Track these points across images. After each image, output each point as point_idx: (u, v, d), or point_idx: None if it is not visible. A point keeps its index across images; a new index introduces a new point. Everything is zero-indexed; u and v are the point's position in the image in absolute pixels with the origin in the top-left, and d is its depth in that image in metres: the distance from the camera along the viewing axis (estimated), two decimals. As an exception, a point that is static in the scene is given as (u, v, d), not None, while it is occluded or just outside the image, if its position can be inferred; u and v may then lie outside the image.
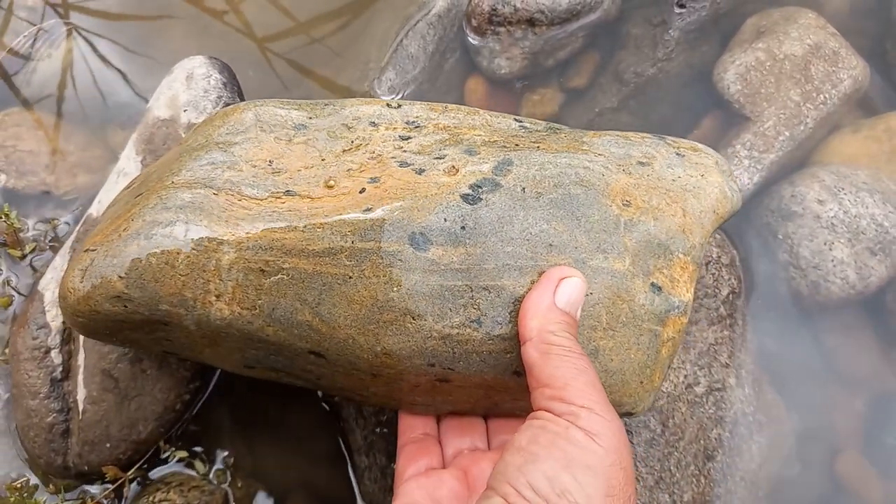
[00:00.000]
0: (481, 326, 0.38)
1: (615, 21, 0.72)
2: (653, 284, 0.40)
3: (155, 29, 0.76)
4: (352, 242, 0.38)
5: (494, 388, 0.40)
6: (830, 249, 0.62)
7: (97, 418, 0.54)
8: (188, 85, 0.62)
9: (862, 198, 0.63)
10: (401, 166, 0.42)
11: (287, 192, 0.41)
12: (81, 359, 0.54)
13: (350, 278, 0.38)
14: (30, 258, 0.65)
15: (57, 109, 0.72)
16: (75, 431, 0.54)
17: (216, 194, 0.41)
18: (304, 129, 0.45)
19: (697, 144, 0.47)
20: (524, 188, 0.40)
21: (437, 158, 0.42)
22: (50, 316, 0.56)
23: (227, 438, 0.59)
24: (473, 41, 0.71)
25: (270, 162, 0.43)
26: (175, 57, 0.65)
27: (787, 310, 0.64)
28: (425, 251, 0.38)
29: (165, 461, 0.57)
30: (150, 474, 0.57)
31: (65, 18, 0.76)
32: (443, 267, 0.38)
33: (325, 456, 0.59)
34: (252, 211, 0.40)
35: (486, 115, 0.47)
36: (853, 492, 0.61)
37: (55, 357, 0.55)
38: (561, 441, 0.32)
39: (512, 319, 0.38)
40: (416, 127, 0.45)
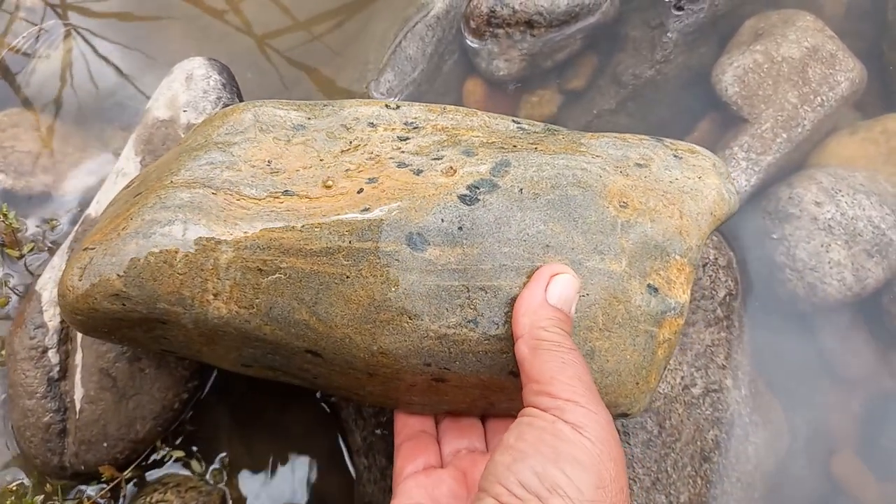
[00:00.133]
0: (478, 326, 0.38)
1: (613, 23, 0.72)
2: (649, 286, 0.40)
3: (154, 30, 0.76)
4: (349, 242, 0.38)
5: (491, 389, 0.40)
6: (827, 251, 0.62)
7: (94, 417, 0.54)
8: (187, 86, 0.62)
9: (859, 200, 0.63)
10: (399, 167, 0.42)
11: (285, 192, 0.41)
12: (79, 358, 0.54)
13: (347, 278, 0.38)
14: (27, 258, 0.65)
15: (56, 110, 0.72)
16: (72, 431, 0.54)
17: (215, 194, 0.41)
18: (303, 130, 0.45)
19: (695, 146, 0.47)
20: (522, 189, 0.40)
21: (435, 159, 0.42)
22: (47, 315, 0.56)
23: (225, 438, 0.59)
24: (472, 43, 0.71)
25: (269, 162, 0.44)
26: (174, 58, 0.65)
27: (784, 311, 0.64)
28: (422, 251, 0.38)
29: (162, 461, 0.57)
30: (147, 474, 0.57)
31: (64, 19, 0.76)
32: (440, 267, 0.38)
33: (324, 456, 0.59)
34: (250, 211, 0.40)
35: (485, 117, 0.47)
36: (849, 493, 0.61)
37: (52, 357, 0.55)
38: (547, 436, 0.32)
39: (508, 320, 0.38)
40: (415, 128, 0.45)
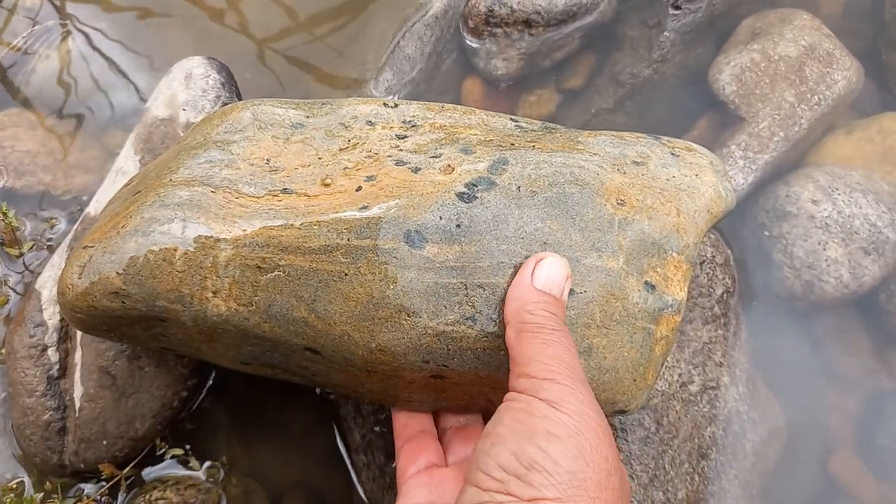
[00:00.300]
0: (476, 324, 0.38)
1: (611, 23, 0.72)
2: (646, 283, 0.40)
3: (154, 29, 0.76)
4: (348, 240, 0.38)
5: (489, 385, 0.41)
6: (824, 249, 0.62)
7: (94, 415, 0.54)
8: (187, 84, 0.62)
9: (856, 198, 0.63)
10: (397, 165, 0.42)
11: (284, 191, 0.42)
12: (78, 356, 0.54)
13: (346, 275, 0.38)
14: (27, 257, 0.65)
15: (55, 109, 0.72)
16: (72, 429, 0.54)
17: (214, 192, 0.41)
18: (302, 128, 0.46)
19: (692, 144, 0.47)
20: (519, 187, 0.40)
21: (433, 157, 0.42)
22: (47, 314, 0.56)
23: (224, 436, 0.59)
24: (470, 42, 0.72)
25: (268, 160, 0.44)
26: (173, 57, 0.65)
27: (782, 309, 0.64)
28: (421, 249, 0.38)
29: (162, 459, 0.57)
30: (147, 472, 0.57)
31: (63, 19, 0.76)
32: (438, 264, 0.38)
33: (323, 454, 0.59)
34: (249, 209, 0.40)
35: (482, 115, 0.47)
36: (847, 491, 0.61)
37: (52, 355, 0.55)
38: (523, 415, 0.31)
39: None
40: (413, 126, 0.45)
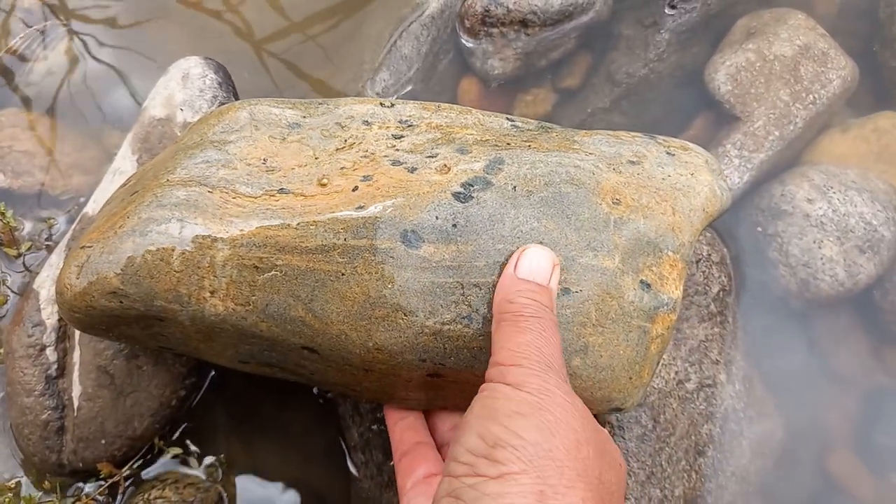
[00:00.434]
0: (472, 322, 0.38)
1: (607, 22, 0.72)
2: (642, 282, 0.40)
3: (151, 30, 0.76)
4: (344, 240, 0.39)
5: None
6: (820, 247, 0.63)
7: (92, 415, 0.54)
8: (184, 84, 0.62)
9: (851, 196, 0.64)
10: (393, 165, 0.42)
11: (281, 191, 0.42)
12: (77, 356, 0.55)
13: (343, 275, 0.39)
14: (25, 257, 0.65)
15: (53, 110, 0.72)
16: (70, 428, 0.54)
17: (211, 192, 0.42)
18: (298, 128, 0.46)
19: (688, 143, 0.47)
20: (515, 186, 0.40)
21: (430, 157, 0.42)
22: (45, 314, 0.56)
23: (223, 435, 0.59)
24: (467, 42, 0.72)
25: (265, 160, 0.44)
26: (171, 57, 0.65)
27: (778, 307, 0.64)
28: (417, 248, 0.38)
29: (160, 458, 0.58)
30: (145, 471, 0.57)
31: (61, 20, 0.76)
32: (434, 264, 0.38)
33: (322, 453, 0.59)
34: (246, 209, 0.41)
35: (479, 115, 0.47)
36: (844, 489, 0.61)
37: (50, 354, 0.55)
38: (488, 401, 0.32)
39: None
40: (409, 126, 0.45)
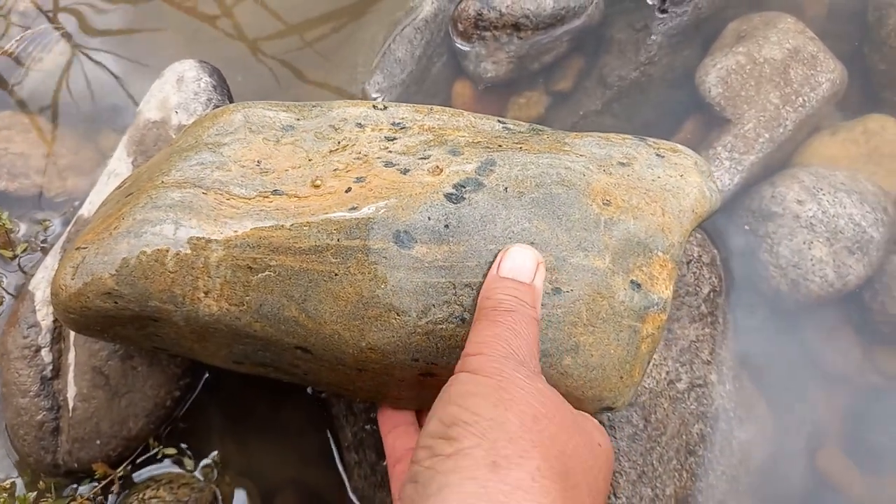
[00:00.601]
0: (464, 322, 0.39)
1: (599, 26, 0.73)
2: (632, 282, 0.41)
3: (146, 33, 0.76)
4: (338, 240, 0.39)
5: (477, 382, 0.41)
6: (809, 248, 0.63)
7: (87, 415, 0.54)
8: (179, 88, 0.62)
9: (840, 198, 0.64)
10: (386, 166, 0.42)
11: (275, 192, 0.42)
12: (72, 357, 0.55)
13: (336, 275, 0.39)
14: (21, 259, 0.65)
15: (48, 113, 0.72)
16: (65, 429, 0.55)
17: (205, 194, 0.42)
18: (292, 131, 0.46)
19: (677, 145, 0.48)
20: (506, 188, 0.41)
21: (422, 159, 0.43)
22: (40, 315, 0.56)
23: (217, 435, 0.59)
24: (460, 46, 0.72)
25: (258, 162, 0.44)
26: (166, 61, 0.66)
27: (768, 308, 0.64)
28: (410, 249, 0.39)
29: (155, 458, 0.58)
30: (140, 472, 0.58)
31: (56, 23, 0.77)
32: (427, 264, 0.39)
33: (316, 453, 0.59)
34: (240, 210, 0.41)
35: (471, 117, 0.47)
36: (834, 487, 0.61)
37: (45, 355, 0.55)
38: (449, 387, 0.32)
39: None
40: (402, 128, 0.46)
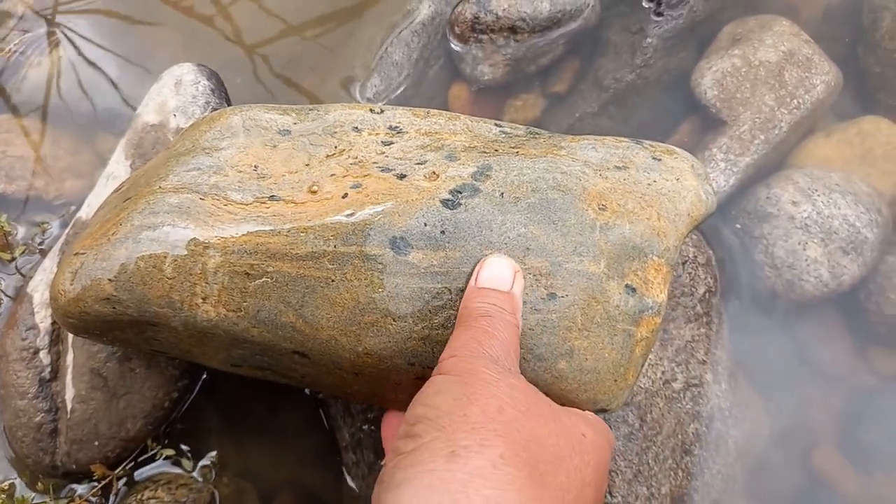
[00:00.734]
0: (460, 327, 0.39)
1: (595, 29, 0.73)
2: (627, 286, 0.41)
3: (144, 36, 0.76)
4: (334, 246, 0.39)
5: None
6: (804, 249, 0.63)
7: (86, 417, 0.54)
8: (177, 91, 0.62)
9: (835, 199, 0.64)
10: (382, 171, 0.42)
11: (271, 197, 0.42)
12: (70, 359, 0.55)
13: (332, 281, 0.39)
14: (19, 261, 0.65)
15: (46, 115, 0.72)
16: (63, 431, 0.55)
17: (202, 199, 0.42)
18: (289, 135, 0.46)
19: (674, 148, 0.47)
20: (503, 193, 0.41)
21: (419, 164, 0.43)
22: (39, 317, 0.57)
23: (215, 436, 0.59)
24: (457, 48, 0.72)
25: (255, 167, 0.44)
26: (164, 64, 0.66)
27: (763, 308, 0.64)
28: (406, 255, 0.39)
29: (153, 459, 0.58)
30: (138, 473, 0.58)
31: (54, 26, 0.77)
32: (423, 270, 0.39)
33: (313, 453, 0.59)
34: (237, 215, 0.41)
35: (467, 121, 0.47)
36: (829, 485, 0.61)
37: (44, 358, 0.55)
38: (420, 391, 0.32)
39: None
40: (399, 132, 0.46)
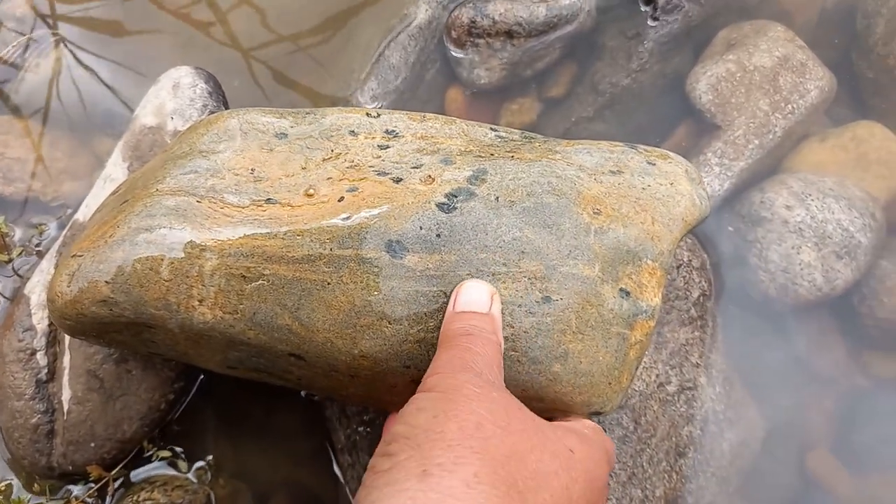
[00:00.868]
0: (455, 329, 0.39)
1: (591, 33, 0.73)
2: (621, 290, 0.41)
3: (142, 39, 0.76)
4: (330, 249, 0.39)
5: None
6: (798, 253, 0.64)
7: (82, 418, 0.54)
8: (174, 94, 0.63)
9: (828, 203, 0.65)
10: (379, 175, 0.43)
11: (268, 200, 0.42)
12: (67, 360, 0.55)
13: (328, 284, 0.39)
14: (16, 262, 0.65)
15: (45, 117, 0.73)
16: (60, 432, 0.55)
17: (199, 202, 0.42)
18: (286, 138, 0.46)
19: (668, 153, 0.48)
20: (498, 197, 0.41)
21: (415, 167, 0.43)
22: (36, 318, 0.57)
23: (211, 438, 0.59)
24: (454, 53, 0.72)
25: (252, 170, 0.45)
26: (161, 67, 0.66)
27: (757, 311, 0.64)
28: (401, 258, 0.39)
29: (149, 461, 0.58)
30: (134, 474, 0.58)
31: (53, 29, 0.77)
32: (418, 273, 0.39)
33: (309, 455, 0.59)
34: (234, 218, 0.41)
35: (463, 125, 0.48)
36: (823, 487, 0.61)
37: (41, 359, 0.56)
38: (403, 408, 0.33)
39: None
40: (395, 136, 0.46)
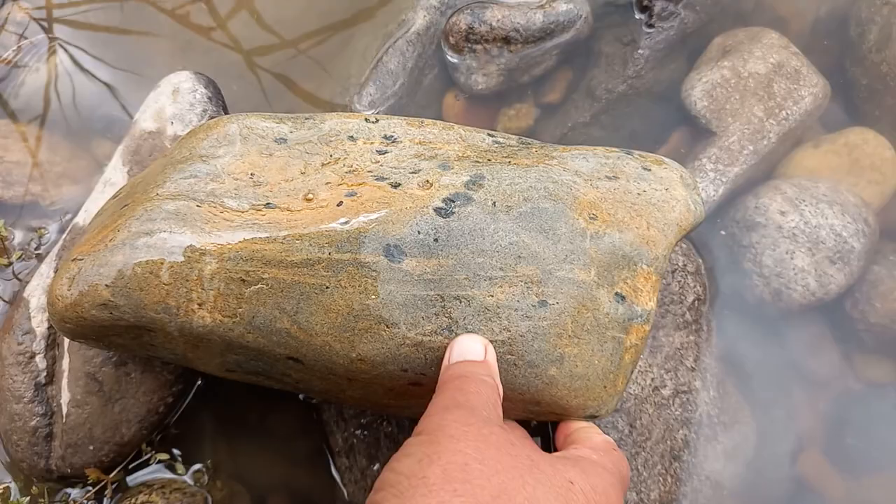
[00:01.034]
0: (452, 334, 0.39)
1: (587, 40, 0.74)
2: (617, 294, 0.42)
3: (142, 43, 0.77)
4: (329, 254, 0.40)
5: (464, 392, 0.42)
6: (792, 258, 0.64)
7: (81, 421, 0.55)
8: (174, 98, 0.63)
9: (822, 209, 0.65)
10: (377, 180, 0.43)
11: (267, 205, 0.43)
12: (66, 363, 0.55)
13: (327, 288, 0.40)
14: (15, 266, 0.66)
15: (44, 121, 0.73)
16: (59, 435, 0.55)
17: (199, 206, 0.43)
18: (285, 143, 0.47)
19: (663, 158, 0.48)
20: (495, 202, 0.41)
21: (413, 173, 0.43)
22: (35, 322, 0.57)
23: (210, 441, 0.60)
24: (451, 58, 0.73)
25: (252, 174, 0.45)
26: (161, 71, 0.66)
27: (751, 316, 0.65)
28: (399, 262, 0.40)
29: (147, 464, 0.58)
30: (132, 477, 0.58)
31: (51, 33, 0.77)
32: (416, 277, 0.39)
33: (307, 458, 0.60)
34: (234, 223, 0.42)
35: (461, 130, 0.48)
36: (815, 490, 0.62)
37: (40, 362, 0.56)
38: (394, 455, 0.34)
39: (482, 327, 0.39)
40: (393, 141, 0.47)
